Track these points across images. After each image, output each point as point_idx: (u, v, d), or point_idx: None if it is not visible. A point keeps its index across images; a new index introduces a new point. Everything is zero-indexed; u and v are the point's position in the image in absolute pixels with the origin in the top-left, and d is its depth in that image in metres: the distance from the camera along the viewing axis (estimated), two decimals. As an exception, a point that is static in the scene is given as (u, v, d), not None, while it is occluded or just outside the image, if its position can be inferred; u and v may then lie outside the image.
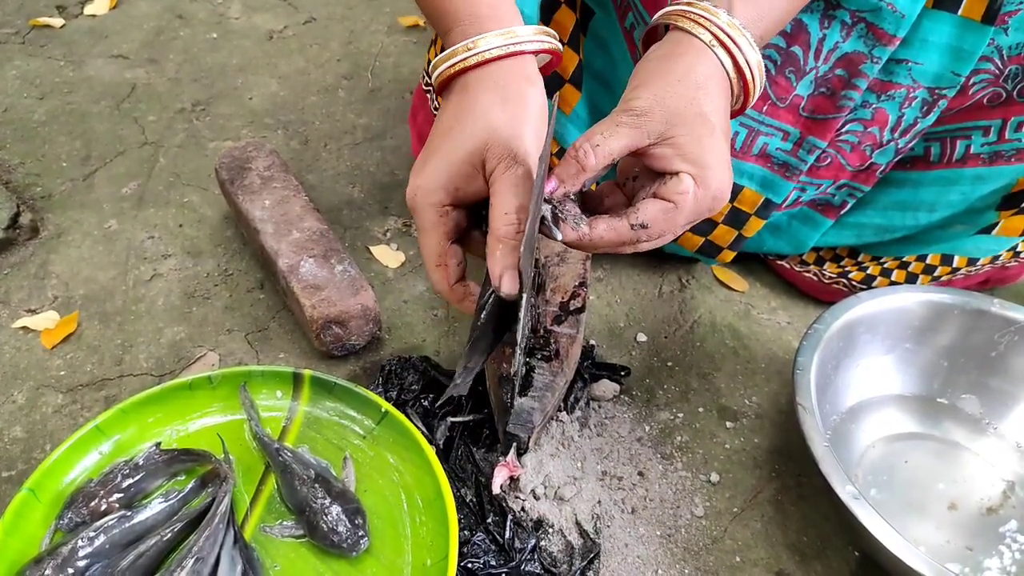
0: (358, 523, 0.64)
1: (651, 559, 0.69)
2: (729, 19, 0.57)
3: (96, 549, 0.60)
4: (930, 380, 0.81)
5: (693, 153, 0.53)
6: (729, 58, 0.57)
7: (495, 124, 0.56)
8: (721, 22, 0.57)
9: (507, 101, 0.57)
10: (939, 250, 0.88)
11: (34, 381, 0.80)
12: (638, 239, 0.54)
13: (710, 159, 0.54)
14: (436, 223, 0.57)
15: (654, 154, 0.54)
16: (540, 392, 0.73)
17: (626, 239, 0.54)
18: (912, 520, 0.72)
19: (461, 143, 0.56)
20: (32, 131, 1.14)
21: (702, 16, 0.57)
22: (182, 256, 0.96)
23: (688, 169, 0.54)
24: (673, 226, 0.54)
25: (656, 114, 0.54)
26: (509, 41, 0.58)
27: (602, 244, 0.54)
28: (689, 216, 0.54)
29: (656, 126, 0.54)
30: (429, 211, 0.57)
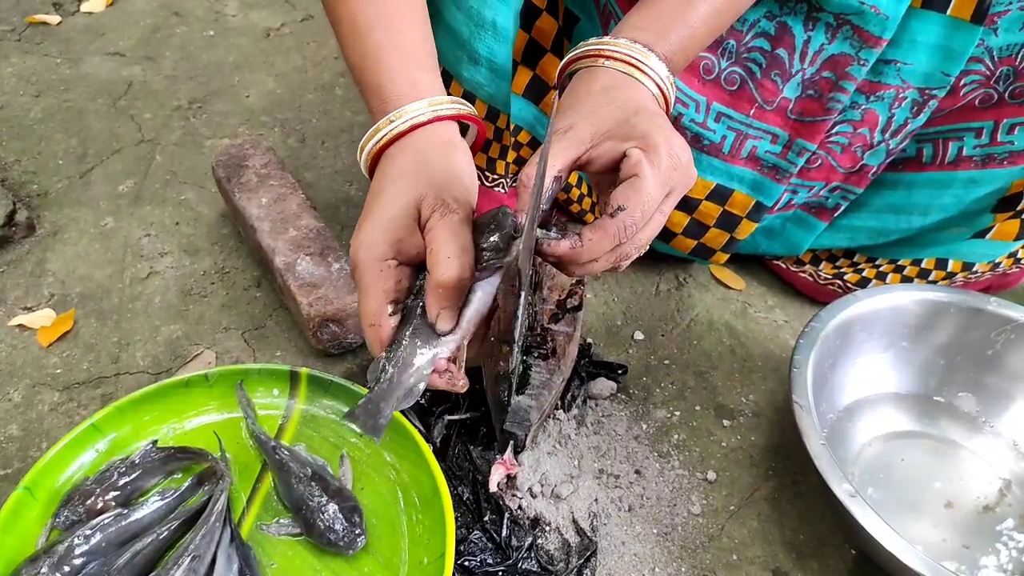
0: (355, 521, 0.64)
1: (648, 557, 0.69)
2: (630, 45, 0.59)
3: (92, 547, 0.60)
4: (927, 378, 0.81)
5: (627, 132, 0.54)
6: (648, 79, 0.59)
7: (423, 179, 0.56)
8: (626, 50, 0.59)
9: (433, 160, 0.58)
10: (934, 254, 0.88)
11: (30, 379, 0.80)
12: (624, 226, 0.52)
13: (645, 128, 0.54)
14: (376, 279, 0.55)
15: (597, 156, 0.55)
16: (537, 390, 0.73)
17: (612, 232, 0.52)
18: (909, 518, 0.72)
19: (395, 198, 0.55)
20: (28, 129, 1.14)
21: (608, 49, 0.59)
22: (179, 254, 0.96)
23: (628, 145, 0.54)
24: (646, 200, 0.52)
25: (582, 125, 0.55)
26: (428, 108, 0.59)
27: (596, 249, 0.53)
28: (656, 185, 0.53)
29: (585, 132, 0.55)
30: (371, 266, 0.55)
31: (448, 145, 0.59)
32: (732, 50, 0.79)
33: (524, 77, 0.84)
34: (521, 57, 0.82)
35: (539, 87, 0.85)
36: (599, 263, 0.54)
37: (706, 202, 0.87)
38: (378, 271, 0.54)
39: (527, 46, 0.81)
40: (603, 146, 0.54)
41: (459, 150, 0.60)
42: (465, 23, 0.74)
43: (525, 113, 0.87)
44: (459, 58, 0.78)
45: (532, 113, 0.87)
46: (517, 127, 0.87)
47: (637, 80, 0.58)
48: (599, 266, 0.54)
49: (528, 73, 0.84)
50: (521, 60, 0.82)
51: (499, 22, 0.74)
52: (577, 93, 0.59)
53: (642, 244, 0.55)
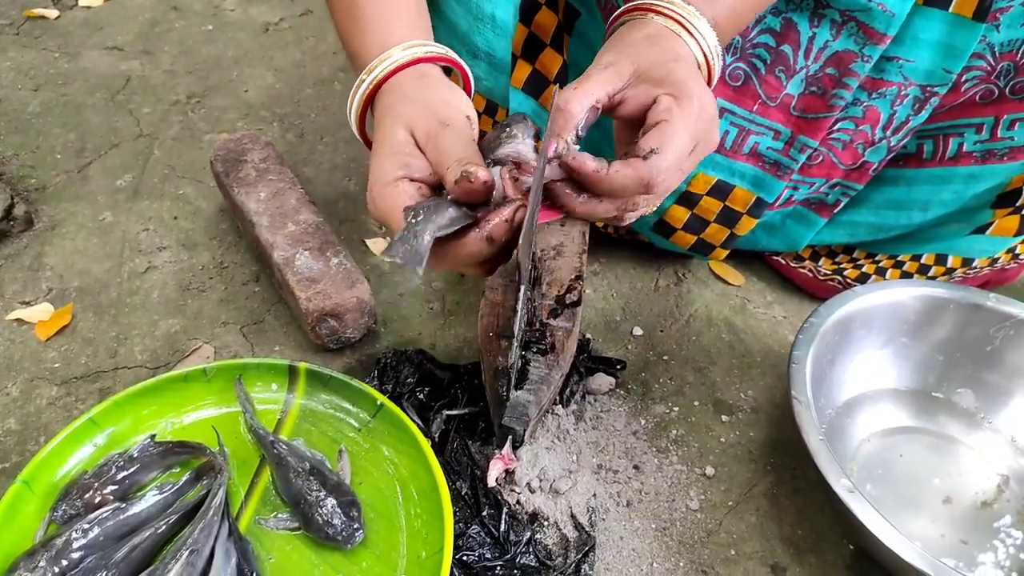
0: (353, 516, 0.64)
1: (646, 552, 0.69)
2: (684, 5, 0.58)
3: (90, 541, 0.60)
4: (925, 374, 0.81)
5: (664, 77, 0.53)
6: (694, 42, 0.58)
7: (408, 109, 0.56)
8: (679, 9, 0.58)
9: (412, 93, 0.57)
10: (934, 249, 0.88)
11: (28, 373, 0.80)
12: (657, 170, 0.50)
13: (681, 75, 0.53)
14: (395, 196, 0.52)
15: (631, 97, 0.54)
16: (536, 385, 0.73)
17: (643, 173, 0.50)
18: (907, 514, 0.72)
19: (387, 133, 0.55)
20: (26, 123, 1.14)
21: (660, 6, 0.58)
22: (177, 248, 0.95)
23: (660, 91, 0.53)
24: (679, 146, 0.51)
25: (623, 61, 0.55)
26: (402, 52, 0.59)
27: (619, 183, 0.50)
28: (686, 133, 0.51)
29: (625, 67, 0.54)
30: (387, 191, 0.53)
31: (426, 77, 0.59)
32: (737, 46, 0.78)
33: (523, 71, 0.83)
34: (521, 51, 0.82)
35: (539, 81, 0.85)
36: (604, 205, 0.52)
37: (707, 198, 0.87)
38: (395, 188, 0.53)
39: (527, 40, 0.81)
40: (638, 87, 0.54)
41: (439, 81, 0.59)
42: (464, 16, 0.74)
43: (524, 107, 0.86)
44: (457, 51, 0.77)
45: (531, 107, 0.87)
46: (516, 122, 0.87)
47: (683, 40, 0.57)
48: (603, 208, 0.52)
49: (527, 67, 0.83)
50: (520, 54, 0.82)
51: (498, 15, 0.74)
52: (620, 37, 0.59)
53: (655, 199, 0.54)
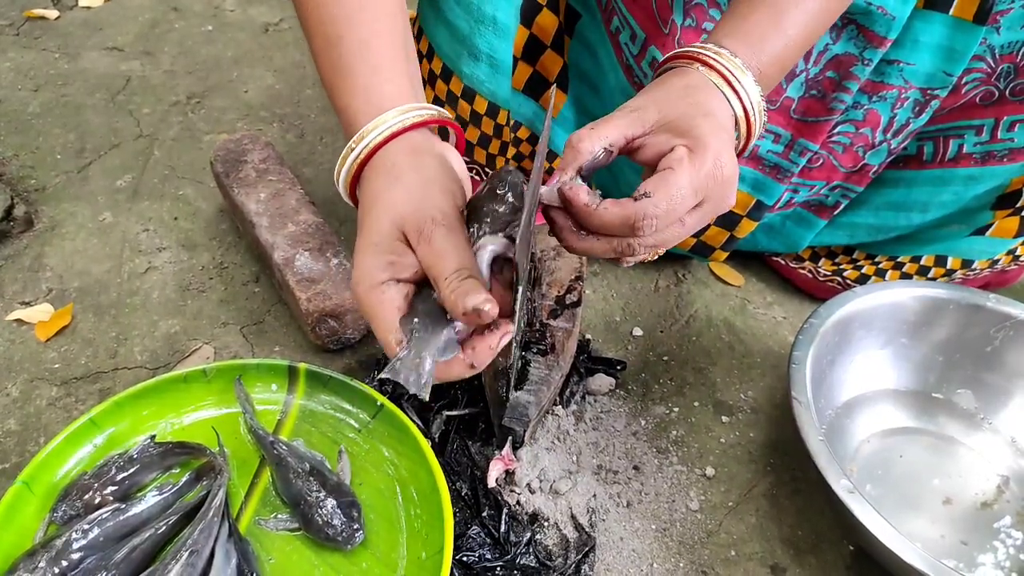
0: (353, 516, 0.64)
1: (646, 553, 0.69)
2: (731, 58, 0.58)
3: (90, 542, 0.60)
4: (925, 375, 0.81)
5: (687, 130, 0.53)
6: (735, 97, 0.57)
7: (398, 197, 0.53)
8: (725, 61, 0.57)
9: (404, 175, 0.55)
10: (933, 251, 0.88)
11: (28, 374, 0.80)
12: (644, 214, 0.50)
13: (704, 130, 0.52)
14: (381, 300, 0.51)
15: (651, 144, 0.54)
16: (536, 386, 0.73)
17: (629, 212, 0.50)
18: (907, 515, 0.72)
19: (375, 225, 0.53)
20: (26, 123, 1.14)
21: (707, 55, 0.58)
22: (177, 249, 0.95)
23: (679, 142, 0.53)
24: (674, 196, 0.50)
25: (651, 108, 0.54)
26: (394, 119, 0.56)
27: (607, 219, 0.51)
28: (689, 185, 0.51)
29: (651, 115, 0.54)
30: (372, 293, 0.52)
31: (417, 153, 0.56)
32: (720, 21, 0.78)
33: (524, 73, 0.84)
34: (521, 53, 0.82)
35: (539, 83, 0.85)
36: (600, 244, 0.53)
37: (706, 200, 0.87)
38: (381, 294, 0.52)
39: (528, 42, 0.81)
40: (659, 136, 0.54)
41: (429, 155, 0.56)
42: (465, 19, 0.74)
43: (525, 109, 0.86)
44: (459, 53, 0.77)
45: (532, 109, 0.87)
46: (517, 123, 0.87)
47: (723, 94, 0.57)
48: (600, 247, 0.53)
49: (528, 69, 0.84)
50: (521, 56, 0.82)
51: (499, 18, 0.74)
52: (660, 83, 0.59)
53: (653, 245, 0.53)
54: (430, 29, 0.79)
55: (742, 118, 0.58)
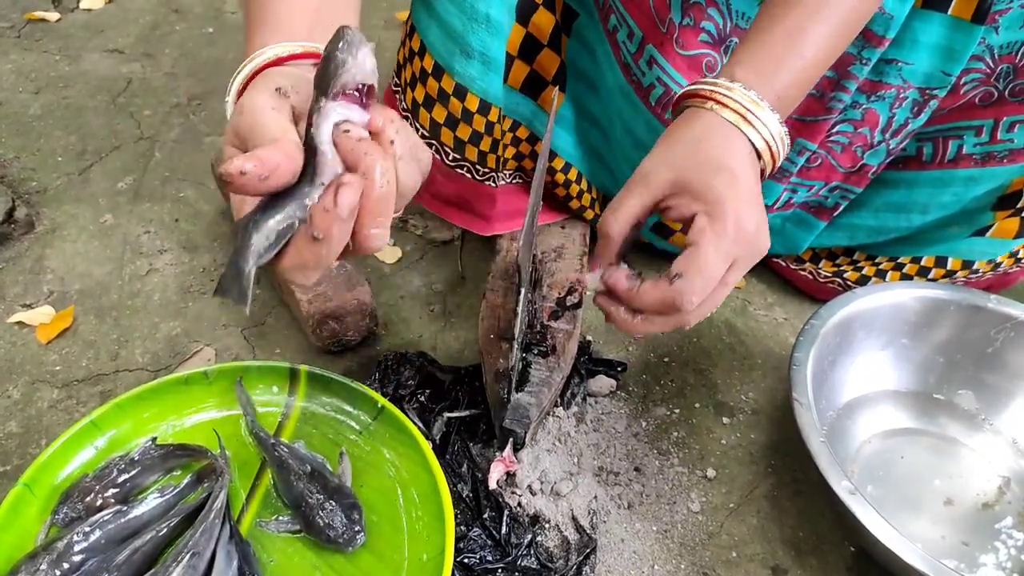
0: (354, 518, 0.64)
1: (647, 554, 0.69)
2: (744, 93, 0.58)
3: (92, 544, 0.60)
4: (926, 376, 0.81)
5: (702, 192, 0.55)
6: (754, 131, 0.58)
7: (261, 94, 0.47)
8: (738, 97, 0.58)
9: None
10: (934, 252, 0.88)
11: (29, 376, 0.80)
12: (681, 295, 0.53)
13: (719, 192, 0.54)
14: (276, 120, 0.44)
15: (671, 206, 0.57)
16: (536, 388, 0.73)
17: (668, 298, 0.54)
18: (908, 516, 0.72)
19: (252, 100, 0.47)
20: (27, 125, 1.14)
21: (720, 94, 0.58)
22: (178, 251, 0.96)
23: (698, 207, 0.55)
24: (705, 271, 0.53)
25: (662, 171, 0.57)
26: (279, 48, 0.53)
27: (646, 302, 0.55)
28: (716, 256, 0.54)
29: (663, 179, 0.57)
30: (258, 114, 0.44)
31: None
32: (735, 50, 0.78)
33: (521, 72, 0.83)
34: (518, 52, 0.82)
35: (536, 82, 0.84)
36: (658, 323, 0.56)
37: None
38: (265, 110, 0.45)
39: (524, 40, 0.81)
40: (681, 198, 0.56)
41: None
42: (458, 16, 0.74)
43: (523, 109, 0.86)
44: (451, 51, 0.77)
45: (530, 109, 0.87)
46: (515, 122, 0.87)
47: (741, 131, 0.58)
48: (659, 326, 0.56)
49: (525, 68, 0.83)
50: (518, 55, 0.82)
51: (492, 15, 0.74)
52: (672, 136, 0.60)
53: (703, 313, 0.56)
54: (423, 27, 0.79)
55: (764, 149, 0.59)
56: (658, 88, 0.79)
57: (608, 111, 0.88)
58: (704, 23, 0.76)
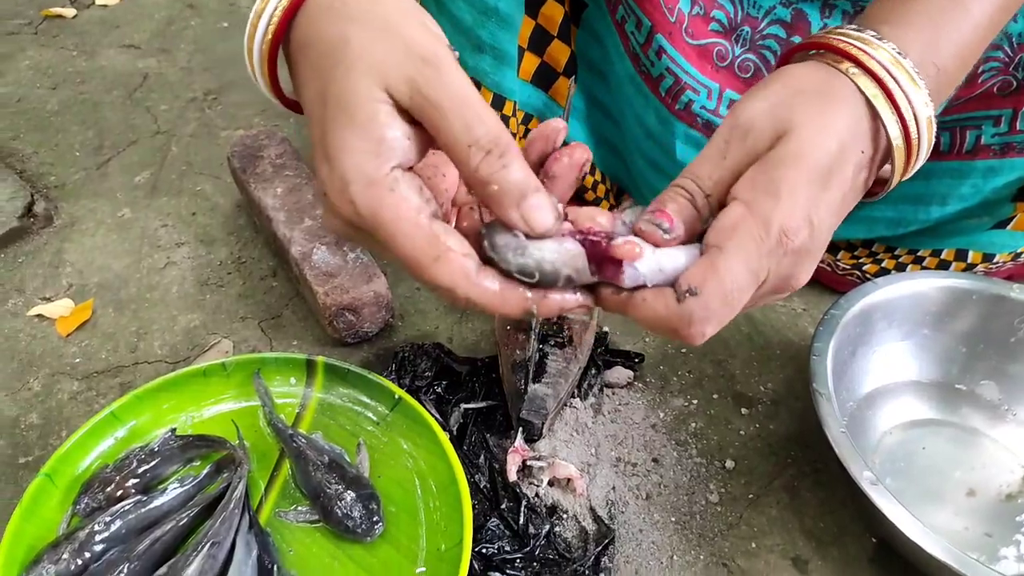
0: (372, 508, 0.64)
1: (666, 545, 0.69)
2: (895, 56, 0.44)
3: (112, 534, 0.60)
4: (948, 366, 0.80)
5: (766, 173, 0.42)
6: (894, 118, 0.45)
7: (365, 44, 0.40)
8: (885, 61, 0.44)
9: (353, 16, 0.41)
10: (954, 244, 0.87)
11: (50, 368, 0.80)
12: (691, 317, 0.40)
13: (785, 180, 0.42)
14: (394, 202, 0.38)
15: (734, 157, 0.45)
16: (553, 379, 0.73)
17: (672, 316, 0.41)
18: (930, 507, 0.71)
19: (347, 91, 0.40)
20: (45, 121, 1.14)
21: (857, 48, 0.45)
22: (195, 244, 0.96)
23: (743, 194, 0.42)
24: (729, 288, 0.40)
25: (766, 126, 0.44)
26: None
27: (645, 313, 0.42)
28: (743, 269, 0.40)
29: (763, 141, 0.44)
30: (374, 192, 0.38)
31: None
32: (747, 37, 0.78)
33: (532, 64, 0.83)
34: (528, 44, 0.82)
35: (548, 74, 0.84)
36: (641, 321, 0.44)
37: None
38: (388, 191, 0.38)
39: (534, 32, 0.81)
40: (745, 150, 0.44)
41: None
42: (467, 10, 0.74)
43: (535, 100, 0.86)
44: (462, 45, 0.77)
45: (542, 100, 0.86)
46: (527, 115, 0.87)
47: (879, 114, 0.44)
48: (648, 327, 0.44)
49: (536, 60, 0.83)
50: (528, 47, 0.82)
51: (502, 8, 0.73)
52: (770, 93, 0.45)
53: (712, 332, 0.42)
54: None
55: (899, 145, 0.45)
56: (668, 78, 0.78)
57: (619, 101, 0.87)
58: (714, 12, 0.75)
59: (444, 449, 0.67)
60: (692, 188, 0.45)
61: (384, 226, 0.39)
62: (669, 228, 0.43)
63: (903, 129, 0.45)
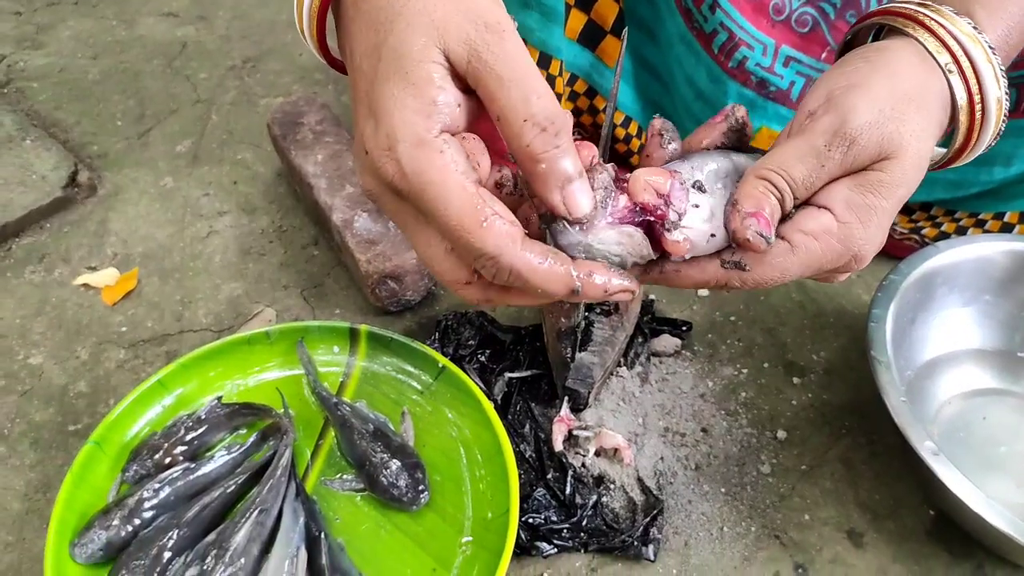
0: (418, 477, 0.64)
1: (716, 516, 0.67)
2: (973, 32, 0.46)
3: (162, 500, 0.60)
4: (1011, 334, 0.77)
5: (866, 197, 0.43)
6: (964, 90, 0.46)
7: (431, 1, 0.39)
8: (963, 38, 0.46)
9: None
10: (1018, 207, 0.83)
11: (97, 337, 0.81)
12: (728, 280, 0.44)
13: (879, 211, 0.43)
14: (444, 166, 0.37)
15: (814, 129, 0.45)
16: (599, 347, 0.71)
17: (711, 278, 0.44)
18: (991, 478, 0.68)
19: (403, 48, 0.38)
20: (87, 90, 1.15)
21: (936, 23, 0.46)
22: (237, 213, 0.96)
23: (840, 210, 0.43)
24: (782, 274, 0.44)
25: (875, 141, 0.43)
26: None
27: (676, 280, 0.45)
28: (806, 268, 0.44)
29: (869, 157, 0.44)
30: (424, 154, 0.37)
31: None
32: None
33: (578, 22, 0.80)
34: (575, 0, 0.79)
35: (595, 32, 0.81)
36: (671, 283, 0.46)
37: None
38: (437, 153, 0.37)
39: None
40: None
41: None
42: None
43: (581, 60, 0.83)
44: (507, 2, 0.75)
45: (588, 61, 0.84)
46: (573, 75, 0.84)
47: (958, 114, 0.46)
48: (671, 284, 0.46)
49: (582, 17, 0.80)
50: (575, 3, 0.79)
51: None
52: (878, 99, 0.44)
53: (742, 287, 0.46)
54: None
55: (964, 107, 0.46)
56: (721, 34, 0.75)
57: (668, 61, 0.84)
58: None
59: (489, 418, 0.67)
60: (784, 189, 0.44)
61: (430, 188, 0.38)
62: (768, 236, 0.42)
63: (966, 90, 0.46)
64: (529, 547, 0.63)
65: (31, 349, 0.79)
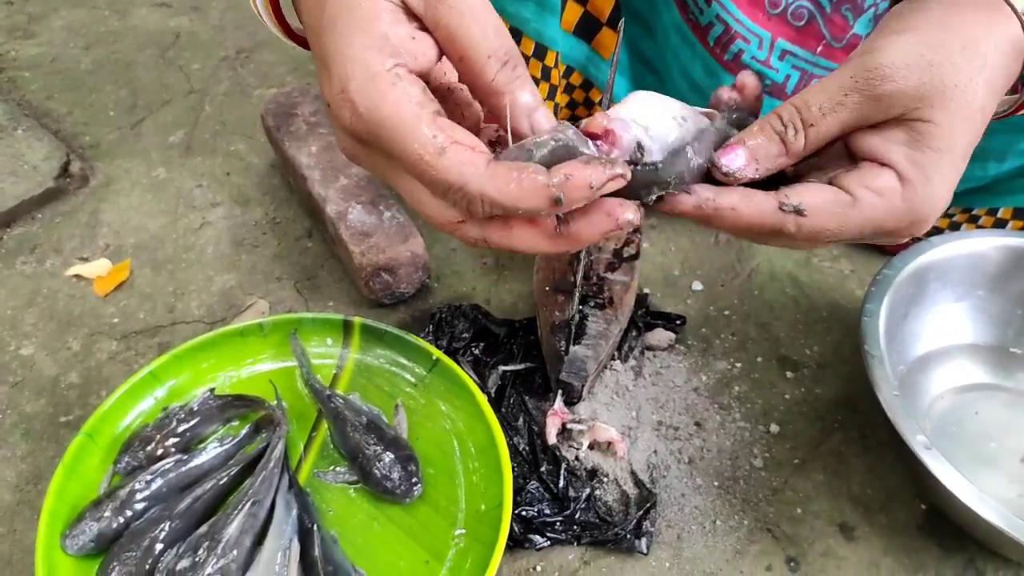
0: (411, 470, 0.64)
1: (709, 509, 0.67)
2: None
3: (153, 492, 0.60)
4: (1004, 329, 0.77)
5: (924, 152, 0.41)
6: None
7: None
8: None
9: None
10: (1012, 203, 0.83)
11: (88, 328, 0.80)
12: (783, 225, 0.41)
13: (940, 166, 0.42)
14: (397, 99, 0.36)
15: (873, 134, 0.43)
16: (593, 340, 0.72)
17: (768, 221, 0.41)
18: (983, 473, 0.69)
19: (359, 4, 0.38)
20: (79, 81, 1.14)
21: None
22: (230, 204, 0.95)
23: (903, 167, 0.41)
24: (840, 227, 0.41)
25: (912, 84, 0.41)
26: None
27: (731, 220, 0.42)
28: (867, 225, 0.42)
29: (905, 101, 0.41)
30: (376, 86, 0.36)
31: None
32: None
33: (574, 14, 0.80)
34: None
35: (590, 24, 0.81)
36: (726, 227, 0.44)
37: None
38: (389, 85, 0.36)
39: None
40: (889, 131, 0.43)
41: None
42: None
43: (576, 52, 0.83)
44: None
45: (584, 53, 0.83)
46: (569, 68, 0.84)
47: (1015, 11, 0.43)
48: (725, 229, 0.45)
49: (578, 9, 0.80)
50: None
51: None
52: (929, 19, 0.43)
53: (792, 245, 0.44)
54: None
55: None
56: (717, 27, 0.75)
57: (664, 53, 0.84)
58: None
59: (483, 411, 0.66)
60: (791, 117, 0.42)
61: (384, 122, 0.36)
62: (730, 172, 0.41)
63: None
64: (522, 540, 0.63)
65: (22, 340, 0.79)
